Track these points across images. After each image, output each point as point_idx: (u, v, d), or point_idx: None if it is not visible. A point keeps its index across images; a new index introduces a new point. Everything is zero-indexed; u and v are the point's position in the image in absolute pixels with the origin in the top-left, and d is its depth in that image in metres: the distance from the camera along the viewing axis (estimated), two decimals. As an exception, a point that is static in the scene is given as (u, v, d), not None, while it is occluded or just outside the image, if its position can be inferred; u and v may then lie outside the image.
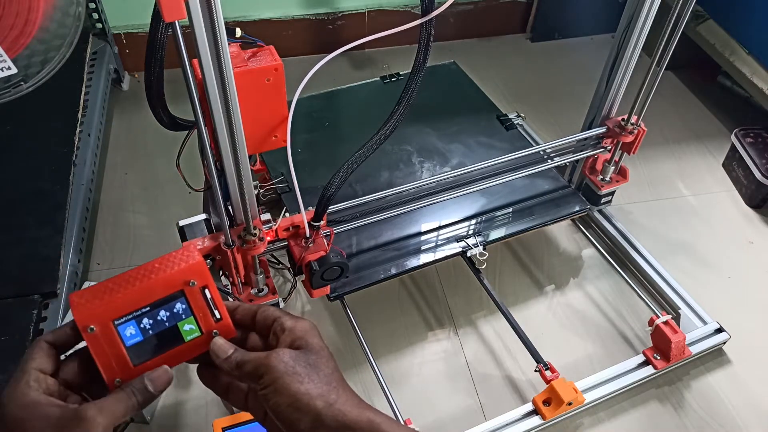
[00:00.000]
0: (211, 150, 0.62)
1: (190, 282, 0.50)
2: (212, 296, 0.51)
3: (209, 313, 0.51)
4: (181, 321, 0.50)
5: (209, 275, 0.51)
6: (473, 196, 1.03)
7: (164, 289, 0.49)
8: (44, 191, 1.05)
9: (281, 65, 0.66)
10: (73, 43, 0.76)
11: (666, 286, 1.05)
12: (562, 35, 1.72)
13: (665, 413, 0.93)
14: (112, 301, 0.47)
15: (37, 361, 0.45)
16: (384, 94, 1.24)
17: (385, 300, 1.06)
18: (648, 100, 0.94)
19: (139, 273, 0.49)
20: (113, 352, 0.48)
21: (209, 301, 0.50)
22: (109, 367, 0.48)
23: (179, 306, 0.50)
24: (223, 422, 0.82)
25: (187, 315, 0.50)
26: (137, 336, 0.48)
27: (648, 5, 0.85)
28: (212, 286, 0.51)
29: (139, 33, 1.47)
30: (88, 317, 0.47)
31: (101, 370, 0.47)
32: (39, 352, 0.46)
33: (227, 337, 0.51)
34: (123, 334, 0.48)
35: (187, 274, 0.49)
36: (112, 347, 0.48)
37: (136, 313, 0.48)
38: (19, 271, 0.95)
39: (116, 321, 0.48)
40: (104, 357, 0.47)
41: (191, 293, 0.50)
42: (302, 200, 0.74)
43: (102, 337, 0.47)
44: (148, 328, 0.49)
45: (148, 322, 0.49)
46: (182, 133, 0.75)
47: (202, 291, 0.50)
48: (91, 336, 0.47)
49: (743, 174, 1.27)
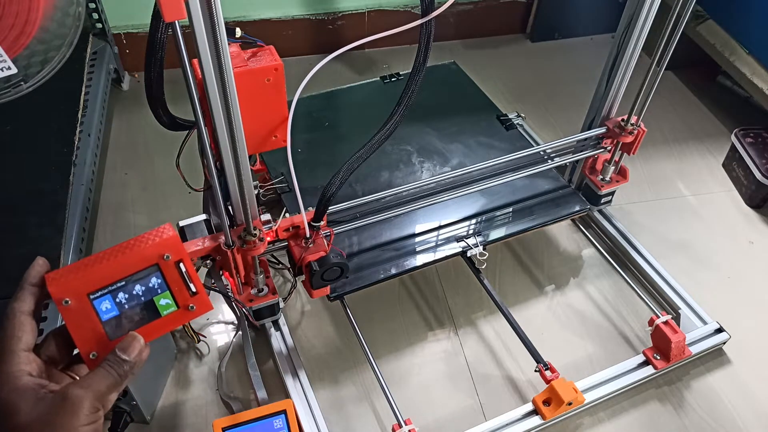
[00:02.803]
0: (211, 150, 0.62)
1: (165, 256, 0.50)
2: (187, 270, 0.51)
3: (185, 287, 0.51)
4: (157, 295, 0.50)
5: (184, 249, 0.51)
6: (473, 196, 1.03)
7: (139, 263, 0.49)
8: (44, 191, 1.04)
9: (281, 65, 0.66)
10: (73, 43, 0.76)
11: (666, 286, 1.05)
12: (562, 35, 1.72)
13: (665, 413, 0.93)
14: (86, 275, 0.48)
15: (23, 341, 0.45)
16: (384, 94, 1.24)
17: (385, 300, 1.06)
18: (648, 100, 0.94)
19: (114, 250, 0.49)
20: (89, 326, 0.48)
21: (184, 275, 0.51)
22: (84, 341, 0.48)
23: (154, 280, 0.50)
24: (223, 422, 0.82)
25: (163, 289, 0.50)
26: (113, 310, 0.49)
27: (648, 5, 0.85)
28: (187, 260, 0.51)
29: (139, 33, 1.47)
30: (63, 290, 0.47)
31: (76, 343, 0.48)
32: (22, 329, 0.46)
33: (203, 311, 0.52)
34: (99, 309, 0.48)
35: (161, 248, 0.50)
36: (88, 321, 0.48)
37: (111, 287, 0.48)
38: (19, 271, 0.94)
39: (91, 295, 0.48)
40: (80, 330, 0.48)
41: (166, 267, 0.50)
42: (302, 200, 0.74)
43: (77, 310, 0.47)
44: (123, 303, 0.49)
45: (124, 296, 0.49)
46: (182, 133, 0.75)
47: (177, 265, 0.50)
48: (67, 309, 0.47)
49: (743, 174, 1.27)
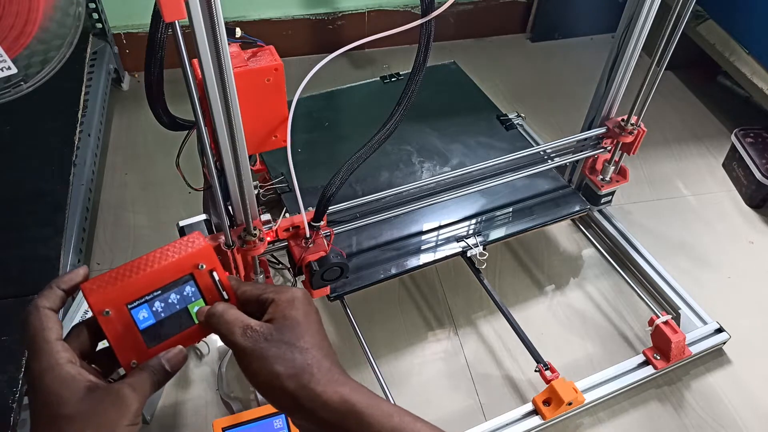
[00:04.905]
0: (211, 150, 0.62)
1: (199, 265, 0.51)
2: (219, 278, 0.52)
3: (217, 294, 0.52)
4: (191, 303, 0.51)
5: (216, 259, 0.52)
6: (473, 196, 1.03)
7: (174, 273, 0.51)
8: (44, 191, 1.04)
9: (281, 65, 0.66)
10: (73, 43, 0.76)
11: (666, 286, 1.05)
12: (562, 35, 1.72)
13: (665, 413, 0.93)
14: (124, 285, 0.49)
15: (54, 331, 0.45)
16: (384, 94, 1.23)
17: (385, 300, 1.06)
18: (648, 100, 0.94)
19: (148, 259, 0.51)
20: (128, 335, 0.49)
21: (217, 283, 0.52)
22: (124, 350, 0.49)
23: (189, 289, 0.51)
24: (223, 422, 0.83)
25: (197, 297, 0.52)
26: (150, 319, 0.50)
27: (648, 5, 0.85)
28: (219, 269, 0.52)
29: (139, 33, 1.47)
30: (102, 301, 0.48)
31: (117, 353, 0.48)
32: (50, 321, 0.45)
33: None
34: (137, 318, 0.49)
35: (196, 258, 0.51)
36: (127, 330, 0.49)
37: (148, 297, 0.49)
38: (19, 271, 0.94)
39: (130, 305, 0.49)
40: (119, 340, 0.49)
41: (200, 276, 0.51)
42: (302, 200, 0.74)
43: (117, 320, 0.48)
44: (160, 311, 0.50)
45: (160, 305, 0.50)
46: (182, 133, 0.75)
47: (210, 274, 0.52)
48: (106, 320, 0.48)
49: (743, 174, 1.27)
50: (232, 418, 0.83)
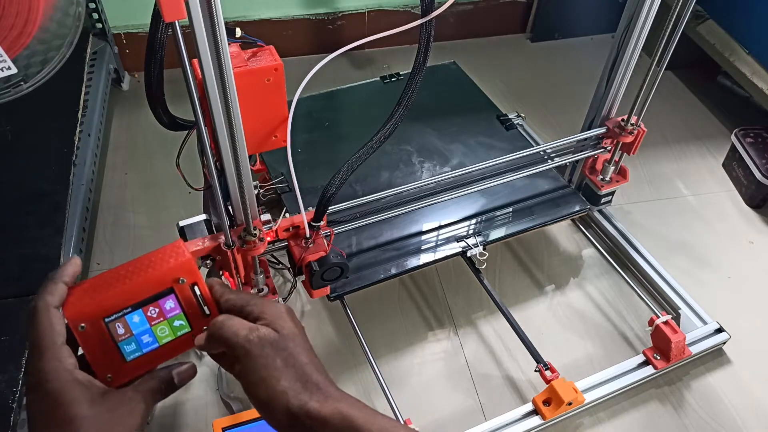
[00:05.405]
0: (211, 150, 0.62)
1: (180, 279, 0.50)
2: (201, 293, 0.51)
3: (198, 309, 0.51)
4: (170, 318, 0.50)
5: (198, 272, 0.51)
6: (473, 196, 1.03)
7: (154, 287, 0.49)
8: (44, 191, 1.04)
9: (281, 65, 0.66)
10: (73, 43, 0.76)
11: (666, 286, 1.05)
12: (562, 35, 1.72)
13: (665, 413, 0.93)
14: (102, 299, 0.47)
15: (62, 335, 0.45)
16: (384, 94, 1.23)
17: (385, 300, 1.06)
18: (648, 100, 0.94)
19: (128, 270, 0.49)
20: (104, 349, 0.48)
21: (199, 298, 0.50)
22: (101, 364, 0.48)
23: (169, 303, 0.50)
24: (223, 422, 0.82)
25: (177, 312, 0.50)
26: (128, 333, 0.48)
27: (648, 5, 0.85)
28: (201, 283, 0.51)
29: (139, 33, 1.47)
30: (79, 315, 0.47)
31: (93, 367, 0.47)
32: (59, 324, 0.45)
33: None
34: (114, 332, 0.48)
35: (176, 272, 0.49)
36: (104, 344, 0.48)
37: (126, 311, 0.48)
38: (19, 271, 0.94)
39: (107, 319, 0.47)
40: (96, 354, 0.47)
41: (181, 290, 0.50)
42: (302, 200, 0.74)
43: (93, 335, 0.47)
44: (138, 326, 0.49)
45: (138, 319, 0.49)
46: (182, 133, 0.75)
47: (192, 288, 0.50)
48: (83, 334, 0.47)
49: (743, 174, 1.27)
50: (232, 418, 0.83)
